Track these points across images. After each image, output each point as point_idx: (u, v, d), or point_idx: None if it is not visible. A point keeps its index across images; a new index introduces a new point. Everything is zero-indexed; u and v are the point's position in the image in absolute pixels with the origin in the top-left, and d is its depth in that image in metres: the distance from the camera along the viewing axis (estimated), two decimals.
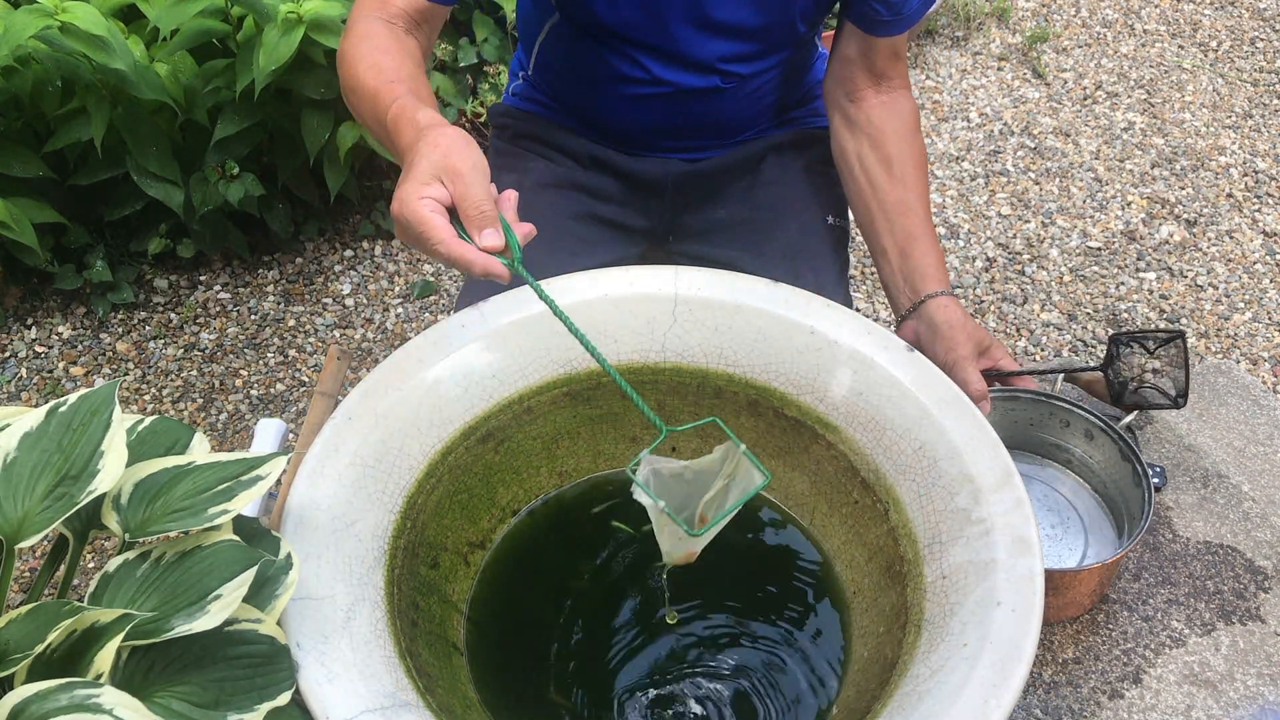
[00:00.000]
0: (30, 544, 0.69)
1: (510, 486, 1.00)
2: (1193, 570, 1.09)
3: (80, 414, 0.74)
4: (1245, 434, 1.21)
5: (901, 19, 1.13)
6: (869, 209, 1.19)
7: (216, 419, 1.94)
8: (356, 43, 1.03)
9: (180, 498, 0.74)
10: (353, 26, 1.05)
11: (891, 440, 0.92)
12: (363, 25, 1.05)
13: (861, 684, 0.85)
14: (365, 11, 1.06)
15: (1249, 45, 2.89)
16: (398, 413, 0.91)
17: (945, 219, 2.37)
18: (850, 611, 0.93)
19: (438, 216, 0.84)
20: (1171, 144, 2.56)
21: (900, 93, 1.20)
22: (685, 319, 0.99)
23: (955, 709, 0.71)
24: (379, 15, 1.05)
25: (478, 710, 0.86)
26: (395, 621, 0.82)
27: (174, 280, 2.17)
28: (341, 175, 2.04)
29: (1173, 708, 0.98)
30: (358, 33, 1.04)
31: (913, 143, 1.19)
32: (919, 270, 1.13)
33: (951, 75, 2.78)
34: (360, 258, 2.25)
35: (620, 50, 1.14)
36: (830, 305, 0.98)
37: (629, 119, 1.22)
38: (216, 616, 0.68)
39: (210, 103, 1.93)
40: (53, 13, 1.64)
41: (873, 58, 1.17)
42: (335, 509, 0.84)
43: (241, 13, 1.85)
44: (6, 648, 0.65)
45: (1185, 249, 2.29)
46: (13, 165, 1.83)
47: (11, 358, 2.02)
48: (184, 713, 0.67)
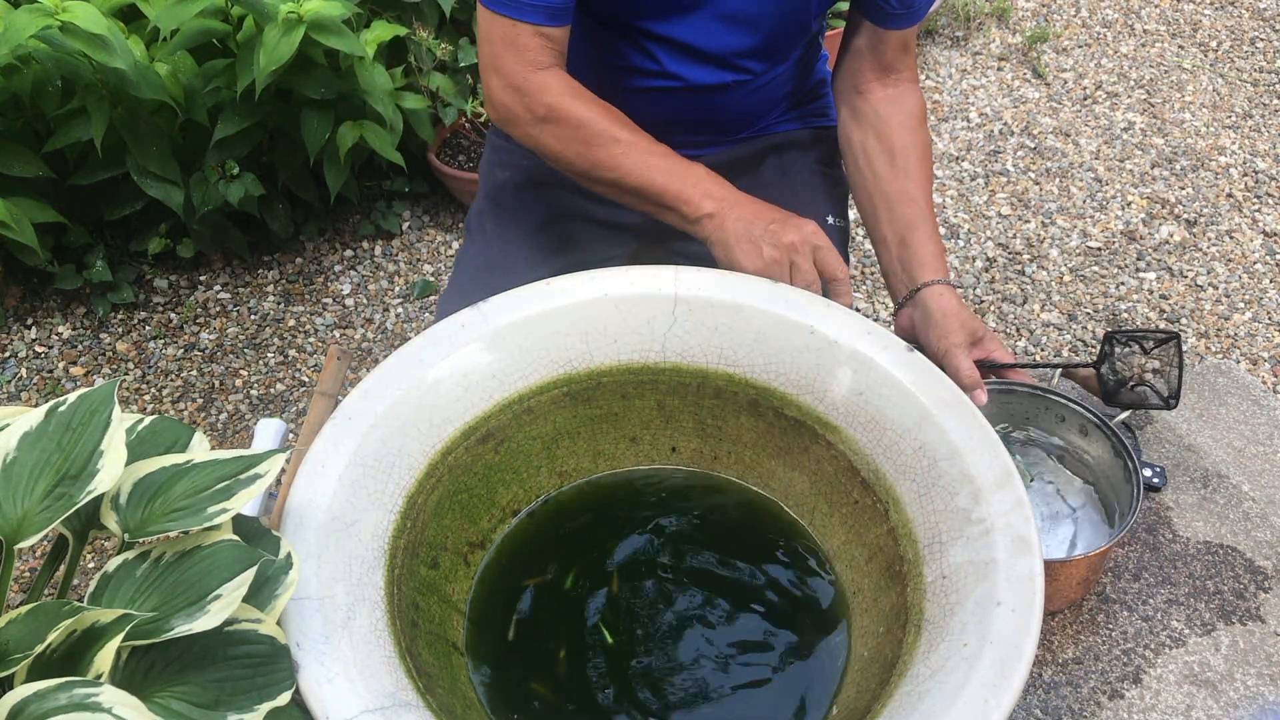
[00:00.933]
0: (30, 544, 0.69)
1: (510, 487, 1.00)
2: (1193, 570, 1.08)
3: (80, 414, 0.74)
4: (1245, 434, 1.21)
5: (912, 12, 1.14)
6: (871, 199, 1.20)
7: (216, 419, 1.94)
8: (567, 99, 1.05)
9: (179, 497, 0.74)
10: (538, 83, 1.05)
11: (891, 440, 0.92)
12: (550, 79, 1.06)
13: (861, 684, 0.85)
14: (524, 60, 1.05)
15: (1249, 45, 2.89)
16: (398, 413, 0.91)
17: (945, 219, 2.37)
18: (850, 611, 0.93)
19: None
20: (1171, 144, 2.56)
21: (907, 86, 1.21)
22: (685, 319, 0.99)
23: (955, 709, 0.71)
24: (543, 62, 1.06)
25: (478, 710, 0.86)
26: (395, 621, 0.82)
27: (174, 280, 2.17)
28: (341, 175, 2.04)
29: (1173, 708, 0.98)
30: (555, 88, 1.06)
31: (917, 134, 1.19)
32: (916, 258, 1.14)
33: (951, 75, 2.78)
34: (360, 258, 2.25)
35: (632, 42, 1.14)
36: (830, 305, 0.98)
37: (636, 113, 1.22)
38: (216, 616, 0.68)
39: (210, 103, 1.93)
40: (53, 12, 1.64)
41: (882, 51, 1.18)
42: (335, 509, 0.84)
43: (242, 13, 1.85)
44: (6, 648, 0.65)
45: (1185, 249, 2.29)
46: (13, 165, 1.83)
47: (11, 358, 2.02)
48: (184, 713, 0.67)
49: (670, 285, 1.00)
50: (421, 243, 2.29)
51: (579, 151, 1.05)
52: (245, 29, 1.86)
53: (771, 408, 0.99)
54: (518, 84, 1.05)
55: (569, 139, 1.04)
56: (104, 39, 1.67)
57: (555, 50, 1.06)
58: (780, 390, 0.98)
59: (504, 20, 1.04)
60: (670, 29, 1.11)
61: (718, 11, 1.10)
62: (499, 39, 1.05)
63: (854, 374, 0.95)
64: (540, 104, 1.04)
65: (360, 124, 1.99)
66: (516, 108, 1.06)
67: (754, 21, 1.11)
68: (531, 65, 1.05)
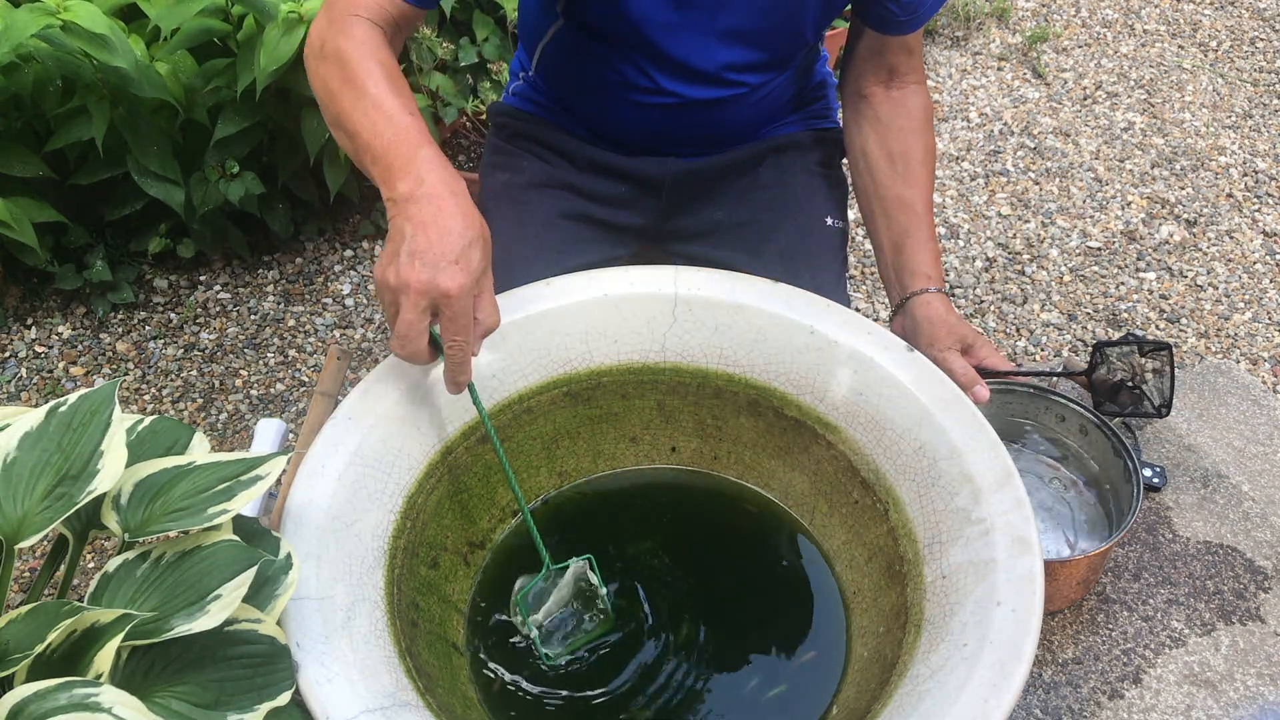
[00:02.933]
0: (30, 544, 0.69)
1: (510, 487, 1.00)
2: (1193, 570, 1.08)
3: (80, 414, 0.74)
4: (1245, 434, 1.21)
5: (916, 17, 1.14)
6: (870, 203, 1.20)
7: (216, 419, 1.94)
8: (354, 44, 0.95)
9: (180, 498, 0.74)
10: (343, 24, 0.97)
11: (891, 440, 0.92)
12: (355, 26, 0.97)
13: (861, 684, 0.85)
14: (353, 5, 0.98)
15: (1249, 45, 2.89)
16: (398, 413, 0.91)
17: (945, 219, 2.37)
18: (850, 611, 0.93)
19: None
20: (1171, 144, 2.56)
21: (913, 88, 1.20)
22: (685, 319, 0.99)
23: (955, 709, 0.71)
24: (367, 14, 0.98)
25: (478, 710, 0.86)
26: (395, 621, 0.82)
27: (174, 280, 2.17)
28: (342, 175, 2.04)
29: (1173, 708, 0.98)
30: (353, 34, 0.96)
31: (921, 138, 1.19)
32: (908, 266, 1.15)
33: (951, 75, 2.78)
34: (360, 258, 2.24)
35: (627, 58, 1.14)
36: (830, 305, 0.98)
37: (633, 125, 1.22)
38: (216, 616, 0.68)
39: (211, 102, 1.93)
40: (54, 11, 1.63)
41: (885, 55, 1.18)
42: (335, 509, 0.84)
43: (242, 12, 1.85)
44: (6, 648, 0.65)
45: (1185, 249, 2.29)
46: (13, 165, 1.83)
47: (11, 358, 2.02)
48: (184, 713, 0.67)
49: (670, 285, 1.00)
50: None
51: (332, 93, 0.94)
52: (246, 28, 1.86)
53: (771, 408, 0.99)
54: (331, 18, 0.98)
55: (332, 79, 0.95)
56: (105, 38, 1.67)
57: (392, 15, 1.00)
58: (780, 390, 0.98)
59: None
60: (665, 48, 1.11)
61: (714, 29, 1.09)
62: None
63: (854, 374, 0.95)
64: (332, 43, 0.96)
65: None
66: (315, 39, 0.98)
67: (750, 37, 1.11)
68: (356, 9, 0.97)
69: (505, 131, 1.33)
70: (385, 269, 0.83)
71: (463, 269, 0.82)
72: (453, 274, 0.81)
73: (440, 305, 0.82)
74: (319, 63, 0.97)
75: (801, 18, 1.11)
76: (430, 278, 0.81)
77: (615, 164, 1.27)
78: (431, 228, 0.83)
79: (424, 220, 0.84)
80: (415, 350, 0.83)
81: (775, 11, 1.09)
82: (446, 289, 0.81)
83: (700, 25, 1.09)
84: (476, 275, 0.83)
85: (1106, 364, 1.10)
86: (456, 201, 0.86)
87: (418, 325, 0.82)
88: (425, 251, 0.82)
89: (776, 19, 1.10)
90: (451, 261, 0.82)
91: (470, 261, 0.83)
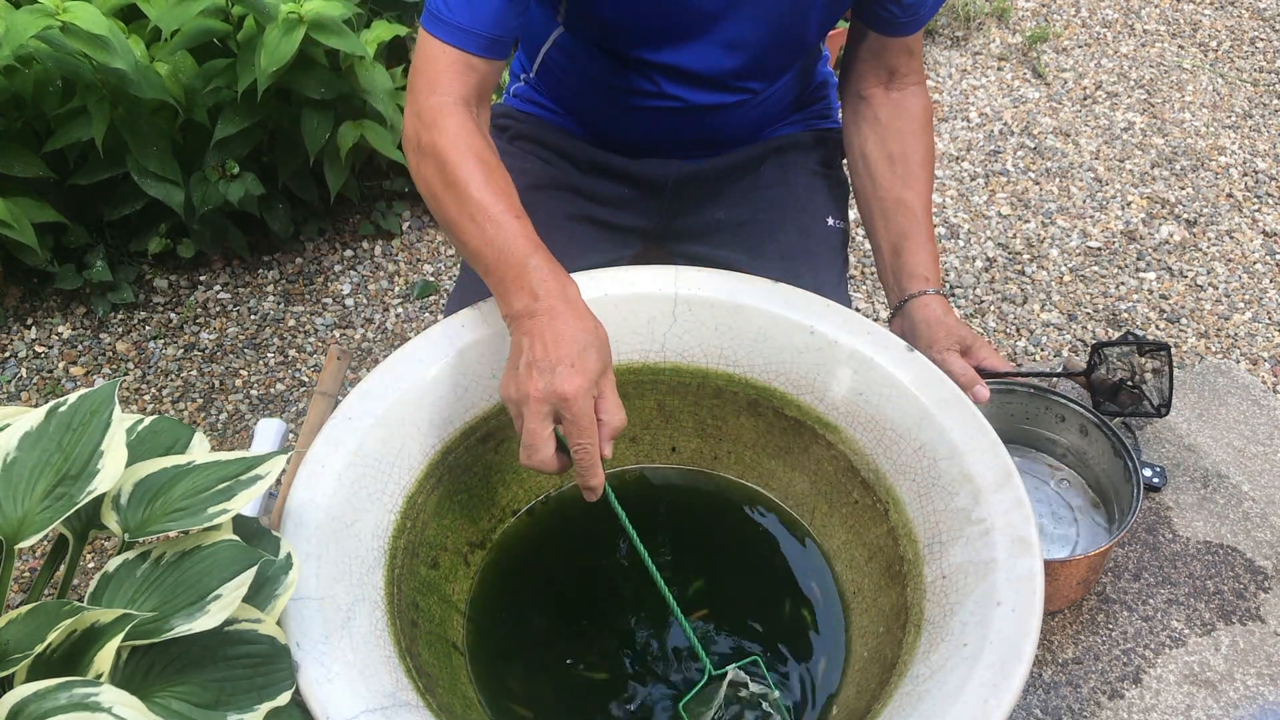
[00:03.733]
0: (30, 544, 0.69)
1: (510, 486, 1.00)
2: (1193, 570, 1.08)
3: (80, 414, 0.74)
4: (1245, 434, 1.21)
5: (917, 19, 1.14)
6: (869, 205, 1.20)
7: (216, 419, 1.94)
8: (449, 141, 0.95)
9: (180, 497, 0.74)
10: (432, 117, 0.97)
11: (891, 440, 0.92)
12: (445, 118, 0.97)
13: (861, 684, 0.85)
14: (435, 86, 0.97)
15: (1249, 45, 2.89)
16: (398, 413, 0.91)
17: (945, 219, 2.37)
18: (850, 611, 0.93)
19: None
20: (1171, 144, 2.56)
21: (913, 89, 1.20)
22: (685, 319, 0.99)
23: (955, 709, 0.71)
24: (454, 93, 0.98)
25: (478, 710, 0.86)
26: (395, 621, 0.82)
27: (174, 280, 2.17)
28: (342, 175, 2.04)
29: (1173, 708, 0.98)
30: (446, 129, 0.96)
31: (920, 139, 1.19)
32: (906, 269, 1.15)
33: (951, 75, 2.78)
34: (360, 258, 2.25)
35: (630, 65, 1.14)
36: (830, 305, 0.98)
37: (635, 128, 1.22)
38: (216, 616, 0.68)
39: (211, 102, 1.93)
40: (54, 12, 1.64)
41: (885, 56, 1.18)
42: (335, 509, 0.84)
43: (242, 12, 1.85)
44: (6, 648, 0.65)
45: (1185, 249, 2.29)
46: (13, 165, 1.83)
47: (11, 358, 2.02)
48: (184, 712, 0.67)
49: (670, 285, 1.00)
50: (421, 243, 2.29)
51: (437, 197, 0.97)
52: (246, 29, 1.86)
53: (771, 407, 0.99)
54: (418, 109, 0.99)
55: (434, 181, 0.97)
56: (105, 39, 1.67)
57: (474, 85, 1.00)
58: (780, 390, 0.98)
59: (435, 42, 0.99)
60: (669, 57, 1.11)
61: (717, 39, 1.09)
62: (426, 59, 1.00)
63: (854, 374, 0.95)
64: (426, 134, 0.97)
65: (361, 123, 1.99)
66: (409, 131, 1.00)
67: (752, 46, 1.11)
68: (441, 92, 0.98)
69: (506, 133, 1.33)
70: (507, 384, 0.85)
71: (579, 371, 0.83)
72: (569, 377, 0.83)
73: (561, 410, 0.83)
74: (419, 159, 0.98)
75: (805, 24, 1.11)
76: (548, 384, 0.82)
77: (617, 166, 1.27)
78: (547, 336, 0.85)
79: (539, 331, 0.86)
80: (543, 458, 0.83)
81: (778, 20, 1.09)
82: (564, 392, 0.82)
83: (705, 35, 1.09)
84: (594, 377, 0.84)
85: (1106, 364, 1.10)
86: (570, 309, 0.88)
87: (541, 433, 0.83)
88: (541, 360, 0.84)
89: (780, 27, 1.10)
90: (568, 366, 0.83)
91: (587, 363, 0.84)
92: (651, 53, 1.10)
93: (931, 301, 1.12)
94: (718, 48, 1.10)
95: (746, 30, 1.08)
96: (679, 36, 1.08)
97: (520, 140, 1.31)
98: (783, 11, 1.08)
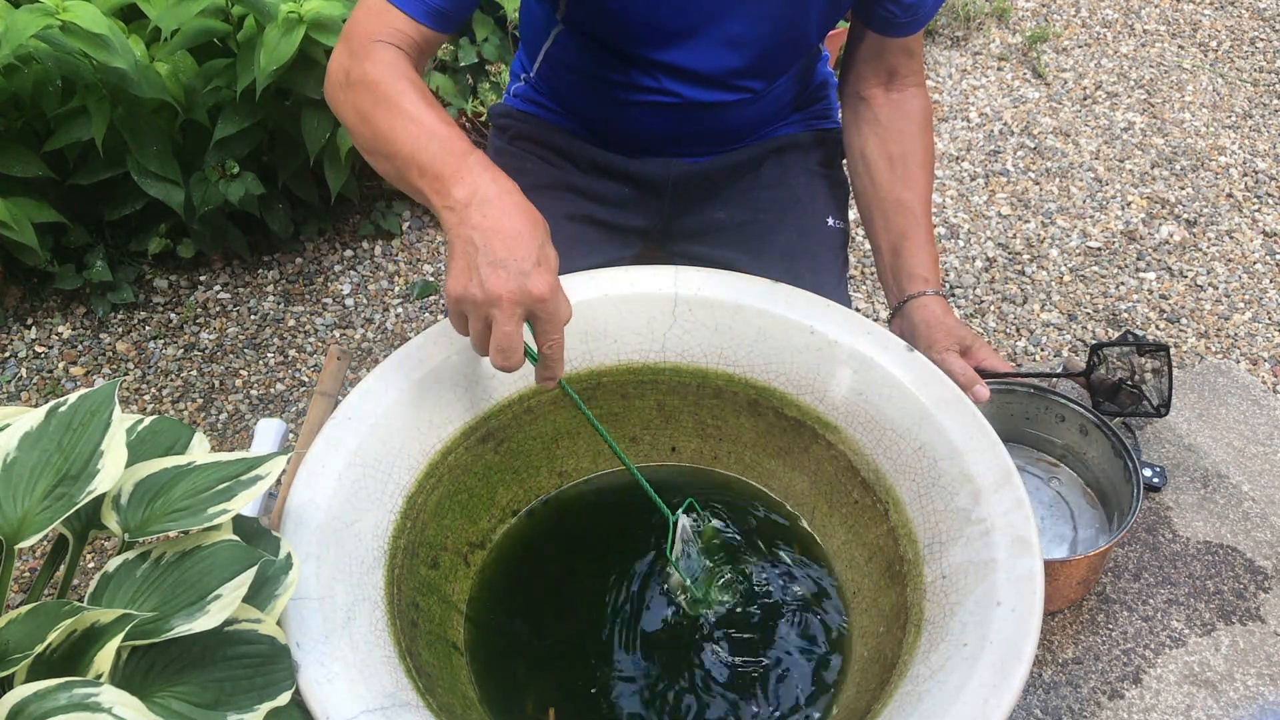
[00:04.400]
0: (30, 544, 0.69)
1: (510, 486, 1.00)
2: (1193, 570, 1.08)
3: (80, 414, 0.74)
4: (1245, 434, 1.21)
5: (917, 19, 1.14)
6: (869, 205, 1.21)
7: (216, 419, 1.94)
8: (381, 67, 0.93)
9: (180, 498, 0.74)
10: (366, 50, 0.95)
11: (891, 440, 0.92)
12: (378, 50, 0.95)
13: (861, 684, 0.85)
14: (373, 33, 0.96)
15: (1249, 45, 2.89)
16: (398, 413, 0.91)
17: (945, 219, 2.37)
18: (850, 611, 0.93)
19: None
20: (1171, 144, 2.56)
21: (913, 90, 1.21)
22: (685, 319, 0.99)
23: (955, 709, 0.71)
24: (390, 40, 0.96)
25: (478, 710, 0.86)
26: (395, 621, 0.82)
27: (174, 280, 2.17)
28: (342, 175, 2.04)
29: (1173, 708, 0.98)
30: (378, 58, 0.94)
31: (920, 141, 1.19)
32: (906, 270, 1.15)
33: (951, 75, 2.78)
34: (360, 258, 2.25)
35: (632, 63, 1.14)
36: (830, 305, 0.98)
37: (636, 126, 1.22)
38: (216, 616, 0.68)
39: (211, 102, 1.93)
40: (54, 12, 1.64)
41: (885, 57, 1.18)
42: (335, 509, 0.84)
43: (242, 12, 1.85)
44: (6, 648, 0.65)
45: (1185, 249, 2.29)
46: (13, 165, 1.83)
47: (11, 358, 2.02)
48: (184, 713, 0.67)
49: (670, 285, 1.00)
50: (421, 243, 2.29)
51: (365, 115, 0.93)
52: (246, 29, 1.86)
53: (771, 408, 0.99)
54: (354, 48, 0.95)
55: (363, 103, 0.93)
56: (105, 38, 1.67)
57: (414, 45, 0.98)
58: (780, 390, 0.98)
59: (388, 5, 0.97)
60: (670, 56, 1.11)
61: (717, 37, 1.09)
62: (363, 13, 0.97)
63: (854, 374, 0.95)
64: (357, 68, 0.94)
65: None
66: (337, 70, 0.97)
67: (753, 44, 1.11)
68: (379, 38, 0.96)
69: (507, 133, 1.33)
70: (466, 283, 0.81)
71: (546, 269, 0.82)
72: (541, 277, 0.81)
73: (535, 309, 0.82)
74: (345, 92, 0.95)
75: (806, 22, 1.11)
76: (520, 285, 0.80)
77: (618, 165, 1.27)
78: (503, 233, 0.83)
79: (491, 227, 0.83)
80: (517, 360, 0.82)
81: (780, 18, 1.09)
82: (540, 293, 0.81)
83: (706, 33, 1.09)
84: (557, 271, 0.84)
85: (1105, 364, 1.10)
86: (515, 201, 0.85)
87: (516, 335, 0.81)
88: (506, 259, 0.81)
89: (781, 25, 1.10)
90: (534, 264, 0.82)
91: (550, 260, 0.83)
92: (653, 50, 1.10)
93: (931, 302, 1.12)
94: (719, 45, 1.10)
95: (747, 28, 1.09)
96: (681, 33, 1.09)
97: (520, 140, 1.31)
98: (784, 10, 1.08)
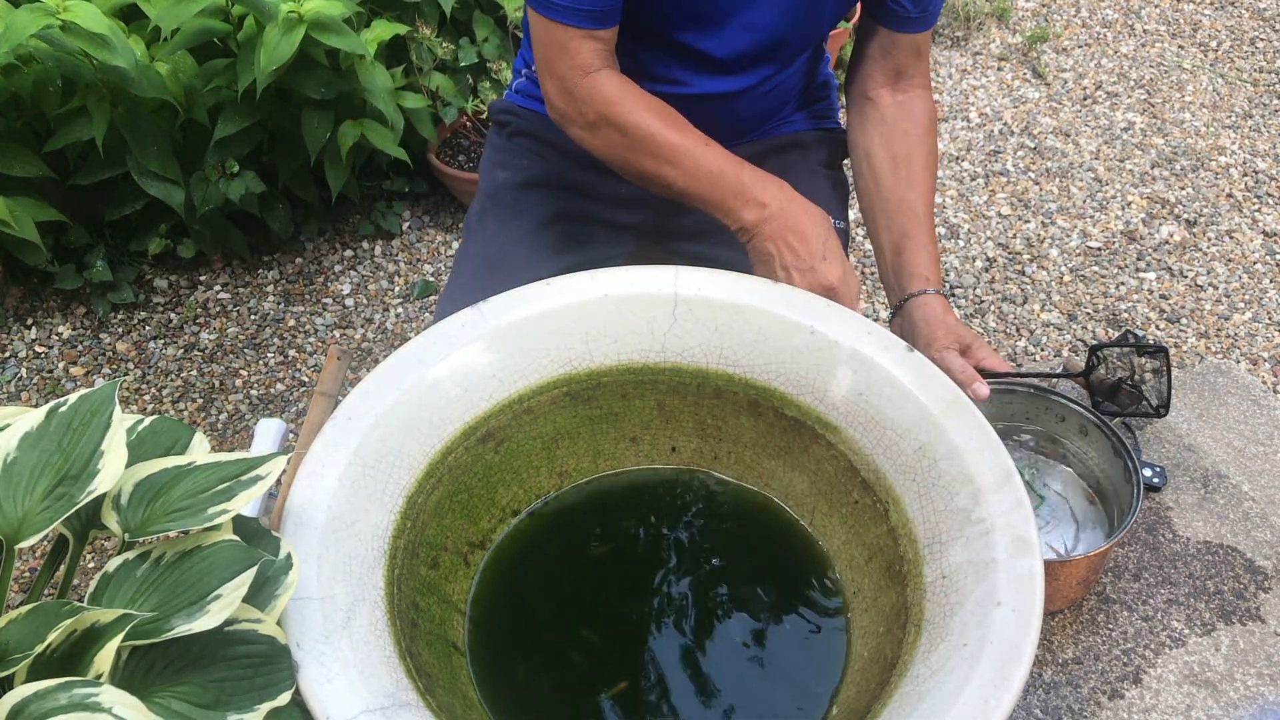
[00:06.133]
0: (30, 544, 0.69)
1: (510, 487, 1.00)
2: (1193, 570, 1.08)
3: (80, 414, 0.74)
4: (1245, 434, 1.21)
5: (926, 15, 1.15)
6: (871, 205, 1.21)
7: (216, 419, 1.94)
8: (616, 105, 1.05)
9: (180, 498, 0.74)
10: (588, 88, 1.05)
11: (891, 440, 0.92)
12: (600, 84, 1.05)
13: (861, 684, 0.85)
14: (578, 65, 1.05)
15: (1249, 45, 2.89)
16: (398, 413, 0.91)
17: (945, 219, 2.37)
18: (850, 611, 0.93)
19: None
20: (1171, 144, 2.56)
21: (918, 91, 1.21)
22: (685, 319, 0.99)
23: (955, 709, 0.71)
24: (596, 63, 1.05)
25: (478, 710, 0.86)
26: (395, 621, 0.82)
27: (174, 280, 2.17)
28: (343, 175, 2.04)
29: (1173, 708, 0.98)
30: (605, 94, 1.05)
31: (924, 142, 1.20)
32: (907, 269, 1.15)
33: (951, 75, 2.78)
34: (360, 258, 2.25)
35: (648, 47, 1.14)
36: (830, 305, 0.98)
37: None
38: (216, 616, 0.68)
39: (211, 102, 1.93)
40: (54, 11, 1.64)
41: (894, 55, 1.19)
42: (335, 509, 0.84)
43: (242, 12, 1.85)
44: (6, 648, 0.65)
45: (1185, 249, 2.29)
46: (13, 165, 1.83)
47: (11, 358, 2.02)
48: (184, 713, 0.67)
49: (670, 285, 1.00)
50: (421, 243, 2.29)
51: (626, 159, 1.07)
52: (246, 28, 1.86)
53: (771, 408, 0.99)
54: (569, 89, 1.06)
55: (617, 146, 1.06)
56: (105, 38, 1.67)
57: (605, 51, 1.07)
58: (780, 390, 0.98)
59: (552, 25, 1.04)
60: (688, 37, 1.11)
61: (742, 23, 1.10)
62: (549, 43, 1.05)
63: (854, 374, 0.95)
64: (591, 110, 1.06)
65: (361, 123, 1.99)
66: (570, 112, 1.07)
67: (769, 29, 1.12)
68: (581, 70, 1.05)
69: (506, 129, 1.33)
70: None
71: (832, 260, 0.98)
72: (829, 269, 0.99)
73: (831, 298, 0.96)
74: (592, 134, 1.07)
75: (821, 10, 1.13)
76: (813, 282, 0.97)
77: None
78: (790, 238, 1.00)
79: (780, 235, 1.00)
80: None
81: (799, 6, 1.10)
82: (830, 283, 0.98)
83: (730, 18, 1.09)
84: (844, 258, 0.99)
85: (1105, 364, 1.10)
86: (796, 205, 1.02)
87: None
88: (795, 263, 0.99)
89: (799, 12, 1.11)
90: (821, 260, 0.98)
91: (833, 250, 0.98)
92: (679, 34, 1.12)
93: (931, 301, 1.12)
94: (739, 30, 1.11)
95: (765, 16, 1.10)
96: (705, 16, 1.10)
97: (519, 137, 1.31)
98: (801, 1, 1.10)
